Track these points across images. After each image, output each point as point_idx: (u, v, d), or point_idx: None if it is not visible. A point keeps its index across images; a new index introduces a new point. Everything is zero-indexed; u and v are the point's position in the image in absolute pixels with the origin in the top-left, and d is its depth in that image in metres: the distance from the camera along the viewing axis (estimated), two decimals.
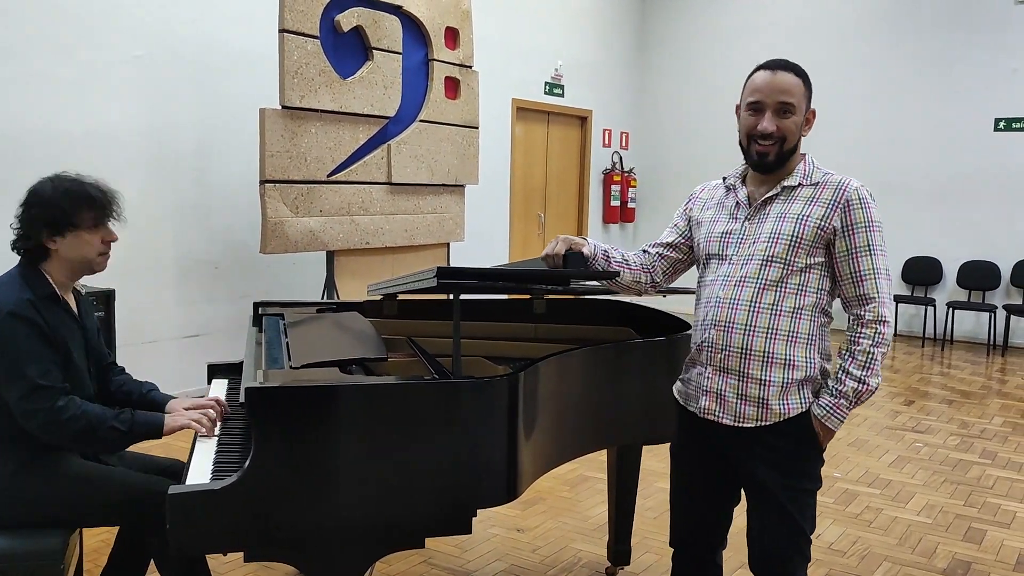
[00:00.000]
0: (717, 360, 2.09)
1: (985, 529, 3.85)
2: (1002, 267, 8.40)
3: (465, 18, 6.23)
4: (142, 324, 5.28)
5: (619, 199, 10.06)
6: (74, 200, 2.24)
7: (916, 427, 5.53)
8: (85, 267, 2.32)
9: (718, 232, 2.15)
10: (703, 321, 2.14)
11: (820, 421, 2.05)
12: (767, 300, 2.04)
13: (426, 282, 2.08)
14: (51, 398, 2.15)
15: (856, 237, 2.01)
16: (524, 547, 3.53)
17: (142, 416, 2.28)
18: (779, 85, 2.03)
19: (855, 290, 2.03)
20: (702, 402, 2.13)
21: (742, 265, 2.07)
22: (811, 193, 2.06)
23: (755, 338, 2.04)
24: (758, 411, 2.06)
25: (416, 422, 1.97)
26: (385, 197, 5.75)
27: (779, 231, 2.04)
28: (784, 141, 2.04)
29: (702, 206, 2.26)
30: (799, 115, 2.05)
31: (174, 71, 5.37)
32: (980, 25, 8.40)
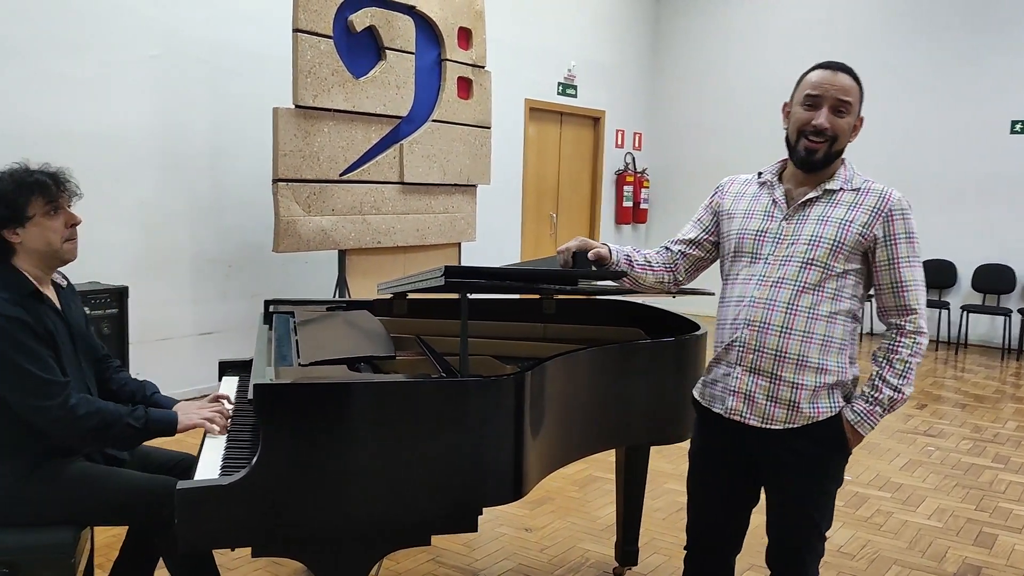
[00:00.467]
0: (748, 360, 2.07)
1: (996, 534, 3.83)
2: (1017, 270, 8.34)
3: (478, 18, 6.24)
4: (155, 321, 5.31)
5: (632, 200, 10.05)
6: (23, 189, 2.19)
7: (928, 431, 5.50)
8: (54, 256, 2.27)
9: (753, 229, 2.13)
10: (734, 320, 2.11)
11: (852, 426, 2.06)
12: (804, 303, 2.03)
13: (434, 281, 2.09)
14: (59, 393, 2.15)
15: (899, 247, 2.03)
16: (532, 546, 3.54)
17: (156, 413, 2.30)
18: (839, 83, 2.03)
19: (896, 300, 2.06)
20: (729, 402, 2.11)
21: (779, 266, 2.06)
22: (853, 199, 2.05)
23: (791, 341, 2.03)
24: (787, 413, 2.05)
25: (423, 420, 1.98)
26: (397, 196, 5.77)
27: (821, 234, 2.03)
28: (835, 141, 2.03)
29: (733, 198, 2.22)
30: (852, 117, 2.05)
31: (188, 71, 5.41)
32: (996, 27, 8.34)
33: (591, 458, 4.41)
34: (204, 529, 1.88)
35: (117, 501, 2.25)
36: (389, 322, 3.06)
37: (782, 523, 2.15)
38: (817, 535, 2.13)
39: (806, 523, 2.11)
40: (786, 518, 2.14)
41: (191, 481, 1.91)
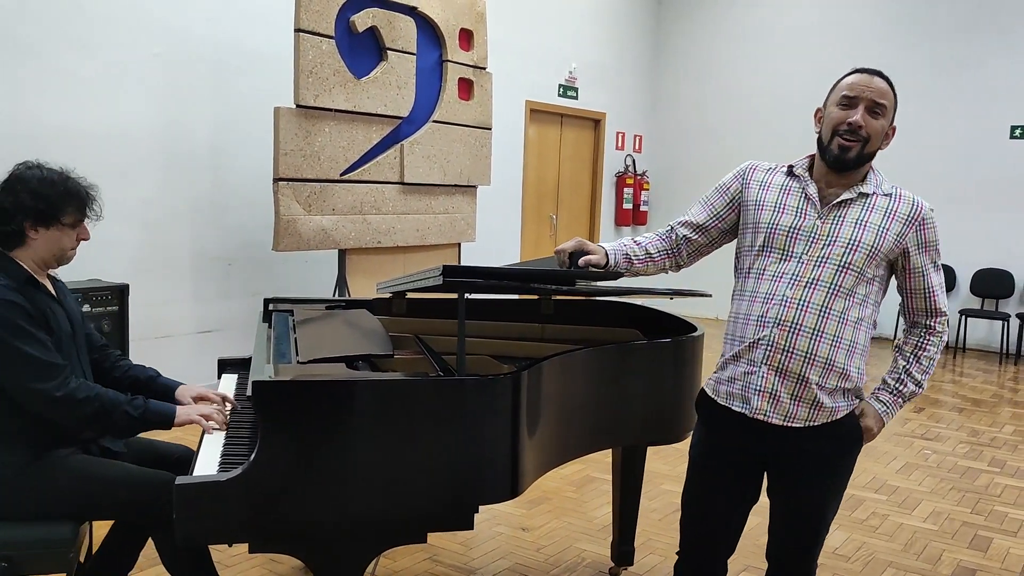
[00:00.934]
0: (776, 360, 2.05)
1: (991, 537, 3.85)
2: (1016, 275, 8.36)
3: (480, 20, 6.26)
4: (156, 319, 5.33)
5: (632, 202, 10.07)
6: (67, 197, 2.25)
7: (925, 434, 5.52)
8: (56, 260, 2.33)
9: (785, 225, 2.09)
10: (762, 317, 2.07)
11: (878, 416, 2.12)
12: (837, 307, 2.03)
13: (433, 280, 2.11)
14: (58, 375, 2.16)
15: (930, 254, 2.09)
16: (528, 546, 3.55)
17: (155, 405, 2.31)
18: (876, 86, 2.04)
19: (927, 304, 2.12)
20: (755, 402, 2.08)
21: (814, 266, 2.04)
22: (887, 205, 2.07)
23: (821, 344, 2.03)
24: (809, 412, 2.06)
25: (420, 418, 1.99)
26: (397, 197, 5.79)
27: (859, 239, 2.03)
28: (868, 142, 2.03)
29: (759, 188, 2.18)
30: (886, 122, 2.06)
31: (191, 69, 5.42)
32: (995, 32, 8.36)
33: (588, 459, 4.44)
34: (201, 524, 1.90)
35: (116, 495, 2.27)
36: (388, 321, 3.08)
37: (794, 520, 2.17)
38: (826, 529, 2.18)
39: (819, 519, 2.15)
40: (800, 515, 2.16)
41: (189, 476, 1.93)
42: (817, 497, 2.13)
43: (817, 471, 2.11)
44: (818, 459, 2.10)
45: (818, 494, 2.13)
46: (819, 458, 2.09)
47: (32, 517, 2.22)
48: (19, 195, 2.20)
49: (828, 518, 2.16)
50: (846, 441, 2.12)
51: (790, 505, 2.17)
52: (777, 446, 2.10)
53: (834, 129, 2.04)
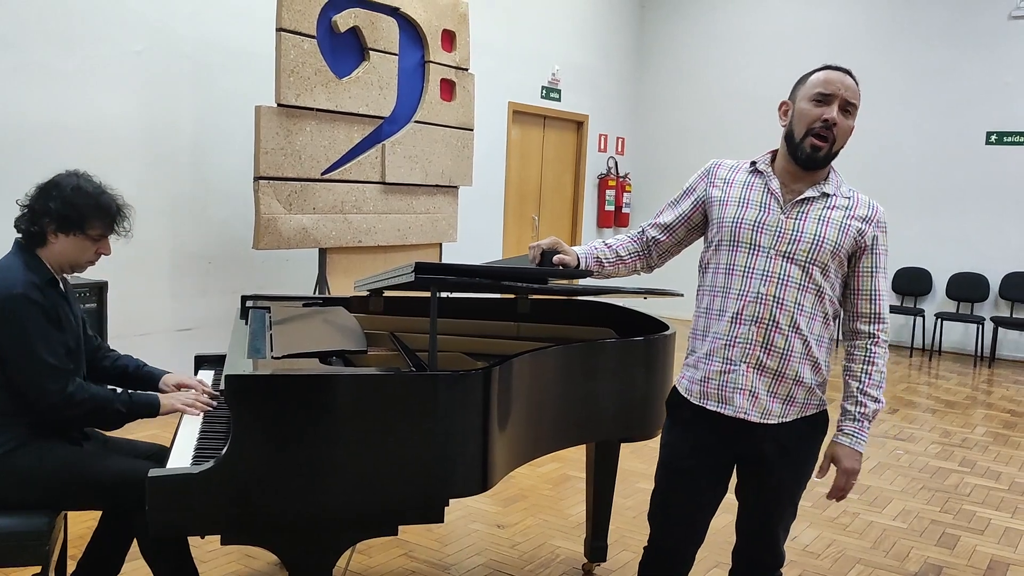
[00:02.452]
0: (755, 358, 2.07)
1: (959, 535, 3.92)
2: (991, 279, 8.47)
3: (462, 21, 6.29)
4: (135, 316, 5.33)
5: (614, 204, 10.13)
6: (92, 208, 2.33)
7: (899, 435, 5.60)
8: (71, 267, 2.42)
9: (750, 219, 2.11)
10: (737, 315, 2.08)
11: (851, 453, 2.09)
12: (808, 303, 2.06)
13: (405, 277, 2.14)
14: (62, 379, 2.26)
15: (879, 257, 2.11)
16: (503, 543, 3.59)
17: (139, 397, 2.40)
18: (849, 85, 2.06)
19: (872, 307, 2.11)
20: (737, 401, 2.09)
21: (783, 262, 2.06)
22: (847, 205, 2.11)
23: (796, 339, 2.06)
24: (783, 408, 2.10)
25: (391, 412, 2.03)
26: (378, 196, 5.81)
27: (823, 235, 2.06)
28: (835, 143, 2.06)
29: (724, 185, 2.20)
30: (852, 121, 2.09)
31: (173, 67, 5.43)
32: (973, 39, 8.48)
33: (565, 457, 4.51)
34: (174, 516, 1.92)
35: (96, 484, 2.31)
36: (366, 319, 3.11)
37: (763, 510, 2.21)
38: (793, 514, 2.25)
39: (789, 506, 2.22)
40: (771, 504, 2.20)
41: (163, 468, 1.95)
42: (785, 487, 2.18)
43: (785, 463, 2.15)
44: (789, 453, 2.14)
45: (787, 484, 2.18)
46: (790, 452, 2.14)
47: (12, 504, 2.25)
48: (51, 199, 2.29)
49: (796, 502, 2.22)
50: (814, 438, 2.17)
51: (759, 497, 2.21)
52: (749, 443, 2.13)
53: (808, 127, 2.05)
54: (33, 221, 2.31)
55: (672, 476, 2.24)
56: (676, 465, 2.22)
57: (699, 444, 2.18)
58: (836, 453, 2.12)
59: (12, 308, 2.21)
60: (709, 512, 2.26)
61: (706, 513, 2.25)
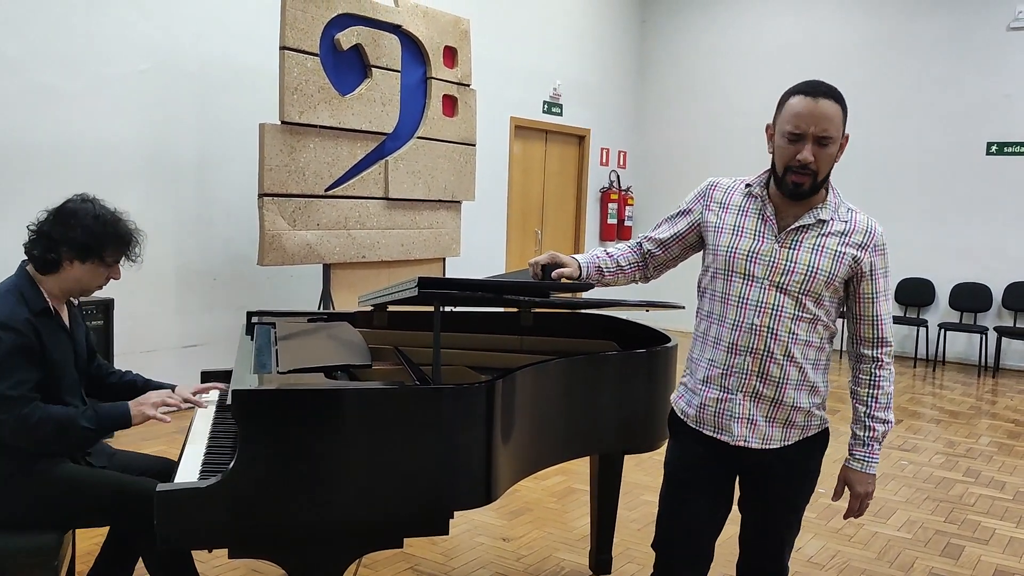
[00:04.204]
0: (752, 387, 2.09)
1: (964, 545, 3.92)
2: (994, 289, 8.48)
3: (464, 38, 6.35)
4: (141, 333, 5.36)
5: (616, 217, 10.16)
6: (111, 236, 2.35)
7: (903, 445, 5.60)
8: (81, 292, 2.43)
9: (744, 249, 2.10)
10: (732, 345, 2.10)
11: (863, 477, 2.12)
12: (802, 331, 2.06)
13: (409, 292, 2.17)
14: (15, 408, 2.20)
15: (879, 282, 2.09)
16: (509, 556, 3.60)
17: (105, 410, 2.35)
18: (821, 114, 1.98)
19: (874, 332, 2.11)
20: (736, 430, 2.11)
21: (777, 292, 2.05)
22: (843, 230, 2.07)
23: (791, 368, 2.07)
24: (784, 432, 2.11)
25: (396, 426, 2.05)
26: (382, 212, 5.85)
27: (817, 265, 2.04)
28: (818, 174, 2.01)
29: (719, 209, 2.19)
30: (836, 144, 2.02)
31: (178, 86, 5.48)
32: (972, 50, 8.52)
33: (570, 470, 4.52)
34: (182, 530, 1.95)
35: (102, 502, 2.32)
36: (371, 334, 3.14)
37: (769, 524, 2.23)
38: (797, 529, 2.26)
39: (792, 522, 2.23)
40: (773, 519, 2.22)
41: (170, 483, 1.98)
42: (787, 502, 2.20)
43: (787, 480, 2.17)
44: (791, 471, 2.16)
45: (789, 499, 2.20)
46: (792, 470, 2.16)
47: (20, 523, 2.26)
48: (71, 228, 2.29)
49: (799, 517, 2.24)
50: (814, 455, 2.19)
51: (761, 512, 2.23)
52: (752, 465, 2.16)
53: (786, 165, 2.02)
54: (49, 248, 2.30)
55: (676, 490, 2.24)
56: (677, 478, 2.23)
57: (700, 460, 2.19)
58: (849, 478, 2.15)
59: None
60: (714, 526, 2.24)
61: (711, 527, 2.23)
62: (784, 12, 9.55)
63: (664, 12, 10.39)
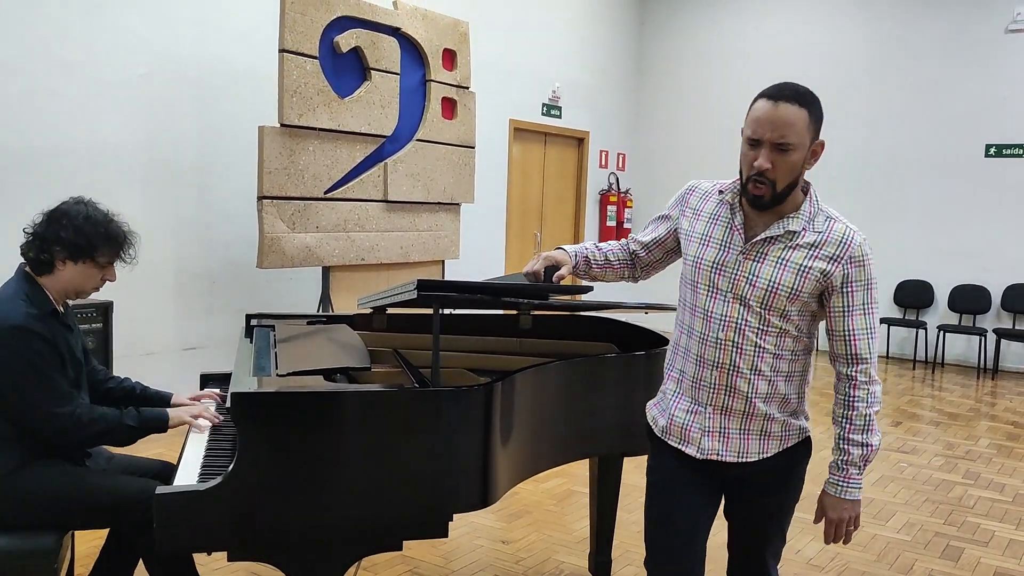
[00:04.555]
0: (720, 401, 2.02)
1: (963, 547, 3.92)
2: (993, 291, 8.49)
3: (463, 40, 6.35)
4: (140, 336, 5.36)
5: (615, 219, 10.16)
6: (103, 237, 2.37)
7: (902, 447, 5.60)
8: (76, 294, 2.45)
9: (710, 259, 2.03)
10: (700, 357, 2.04)
11: (837, 503, 2.01)
12: (769, 345, 1.98)
13: (408, 295, 2.17)
14: (68, 403, 2.29)
15: (855, 296, 1.95)
16: (508, 558, 3.60)
17: (148, 412, 2.43)
18: (779, 119, 1.86)
19: (847, 349, 1.98)
20: (704, 443, 2.05)
21: (740, 306, 1.98)
22: (815, 241, 1.94)
23: (760, 382, 1.99)
24: (760, 444, 2.04)
25: (395, 428, 2.05)
26: (381, 214, 5.86)
27: (779, 280, 1.94)
28: (776, 183, 1.89)
29: (693, 215, 2.11)
30: (800, 152, 1.88)
31: (176, 89, 5.49)
32: (970, 53, 8.53)
33: (569, 473, 4.51)
34: (181, 533, 1.94)
35: (101, 503, 2.33)
36: (370, 336, 3.14)
37: (752, 533, 2.17)
38: (782, 540, 2.18)
39: (776, 532, 2.16)
40: (756, 529, 2.16)
41: (169, 486, 1.98)
42: (770, 512, 2.13)
43: (771, 492, 2.11)
44: (772, 482, 2.10)
45: (771, 510, 2.13)
46: (772, 481, 2.10)
47: (17, 525, 2.27)
48: (62, 228, 2.33)
49: (784, 528, 2.17)
50: (796, 464, 2.11)
51: (746, 526, 2.17)
52: (732, 477, 2.09)
53: (747, 173, 1.93)
54: (42, 249, 2.34)
55: (657, 502, 2.16)
56: (659, 486, 2.16)
57: (676, 469, 2.12)
58: (822, 503, 2.06)
59: (12, 339, 2.24)
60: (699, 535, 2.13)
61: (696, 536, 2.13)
62: (783, 15, 9.57)
63: (663, 14, 10.41)
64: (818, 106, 1.92)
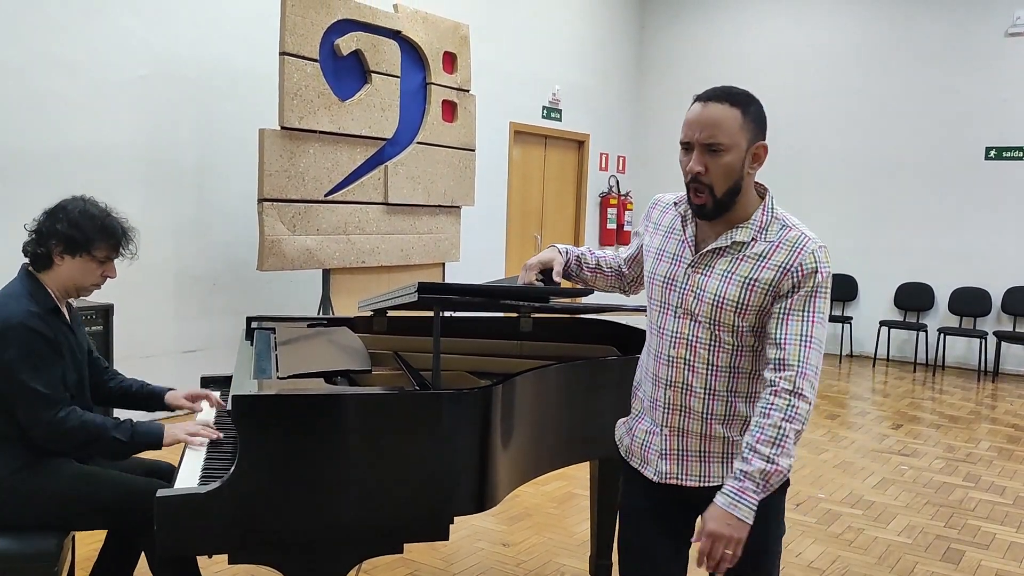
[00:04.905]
0: (676, 422, 1.90)
1: (964, 550, 3.91)
2: (993, 294, 8.49)
3: (463, 43, 6.36)
4: (140, 339, 5.36)
5: (615, 222, 10.17)
6: (98, 230, 2.37)
7: (902, 450, 5.60)
8: (77, 290, 2.45)
9: (661, 274, 1.93)
10: (656, 375, 1.93)
11: (723, 516, 1.72)
12: (723, 363, 1.85)
13: (408, 297, 2.17)
14: (52, 407, 2.26)
15: (795, 300, 1.78)
16: (509, 561, 3.60)
17: (142, 427, 2.38)
18: (707, 119, 1.79)
19: (776, 352, 1.77)
20: (661, 466, 1.92)
21: (690, 322, 1.86)
22: (763, 251, 1.81)
23: (715, 402, 1.87)
24: (722, 467, 1.89)
25: (395, 431, 2.05)
26: (381, 217, 5.86)
27: (724, 295, 1.82)
28: (714, 188, 1.79)
29: (653, 230, 2.01)
30: (734, 153, 1.78)
31: (177, 91, 5.49)
32: (971, 56, 8.54)
33: (570, 475, 4.51)
34: (182, 536, 1.94)
35: (104, 500, 2.33)
36: (370, 339, 3.14)
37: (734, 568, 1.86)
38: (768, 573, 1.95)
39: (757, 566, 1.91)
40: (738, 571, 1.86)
41: (171, 489, 1.98)
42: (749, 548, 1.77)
43: None
44: None
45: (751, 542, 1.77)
46: None
47: (20, 525, 2.27)
48: (58, 222, 2.34)
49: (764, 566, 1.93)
50: None
51: None
52: (697, 501, 1.89)
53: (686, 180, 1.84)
54: (40, 243, 2.35)
55: (625, 527, 2.04)
56: (626, 512, 2.04)
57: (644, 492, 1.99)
58: (706, 514, 1.77)
59: (13, 336, 2.24)
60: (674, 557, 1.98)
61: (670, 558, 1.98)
62: (783, 17, 9.57)
63: (663, 17, 10.42)
64: (755, 107, 1.83)
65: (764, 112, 1.86)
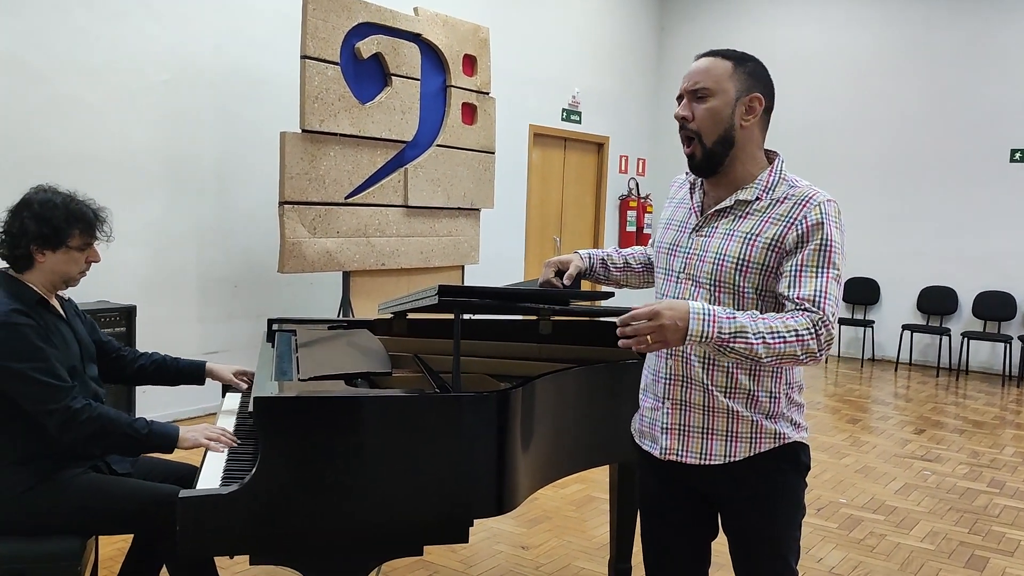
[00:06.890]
0: (677, 394, 1.87)
1: (988, 557, 3.87)
2: (1018, 298, 8.39)
3: (483, 46, 6.37)
4: (162, 341, 5.39)
5: (635, 225, 10.15)
6: (69, 219, 2.31)
7: (925, 455, 5.54)
8: (64, 282, 2.41)
9: (668, 242, 1.94)
10: None
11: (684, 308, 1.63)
12: None
13: (429, 300, 2.17)
14: (64, 397, 2.24)
15: (804, 255, 1.73)
16: (527, 564, 3.59)
17: (158, 427, 2.37)
18: (695, 69, 1.83)
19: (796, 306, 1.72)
20: (663, 441, 1.90)
21: (691, 286, 1.84)
22: (766, 207, 1.79)
23: (716, 373, 1.82)
24: (727, 446, 1.84)
25: (415, 433, 2.05)
26: (401, 219, 5.88)
27: (725, 251, 1.79)
28: (701, 135, 1.80)
29: (668, 204, 2.05)
30: (720, 99, 1.79)
31: (198, 95, 5.54)
32: (994, 57, 8.45)
33: (589, 478, 4.50)
34: (204, 537, 1.95)
35: (123, 510, 2.33)
36: (390, 341, 3.14)
37: (746, 560, 1.93)
38: (783, 566, 1.90)
39: (770, 556, 1.89)
40: (749, 553, 1.92)
41: (192, 490, 1.99)
42: (756, 531, 1.88)
43: (753, 507, 1.87)
44: (751, 495, 1.86)
45: (757, 528, 1.87)
46: (752, 494, 1.86)
47: (42, 532, 2.28)
48: (24, 220, 2.29)
49: (784, 555, 1.90)
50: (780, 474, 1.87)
51: (737, 545, 1.94)
52: (704, 484, 1.90)
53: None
54: (15, 245, 2.30)
55: (647, 518, 2.04)
56: (647, 506, 2.04)
57: (658, 483, 1.99)
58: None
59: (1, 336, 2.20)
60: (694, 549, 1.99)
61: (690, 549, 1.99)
62: (803, 20, 9.52)
63: (682, 19, 10.39)
64: (752, 64, 1.86)
65: (766, 73, 1.89)
